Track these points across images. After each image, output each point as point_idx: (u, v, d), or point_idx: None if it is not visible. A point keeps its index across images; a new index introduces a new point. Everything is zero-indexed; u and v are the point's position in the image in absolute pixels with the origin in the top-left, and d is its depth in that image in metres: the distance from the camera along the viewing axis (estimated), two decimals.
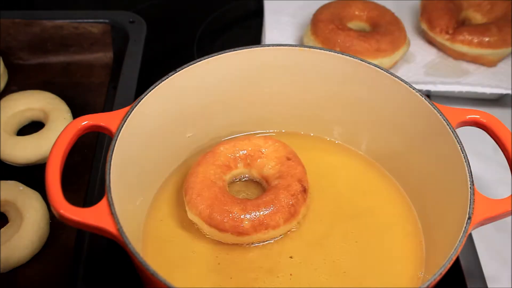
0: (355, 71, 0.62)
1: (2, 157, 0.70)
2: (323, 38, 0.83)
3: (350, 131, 0.68)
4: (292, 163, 0.62)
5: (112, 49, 0.84)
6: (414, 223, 0.62)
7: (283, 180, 0.60)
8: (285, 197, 0.59)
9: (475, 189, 0.52)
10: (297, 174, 0.61)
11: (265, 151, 0.63)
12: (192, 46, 0.92)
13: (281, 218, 0.58)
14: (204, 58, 0.61)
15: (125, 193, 0.54)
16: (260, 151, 0.63)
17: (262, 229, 0.57)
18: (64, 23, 0.82)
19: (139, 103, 0.56)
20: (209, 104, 0.65)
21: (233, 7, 1.01)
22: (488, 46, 0.84)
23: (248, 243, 0.58)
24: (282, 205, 0.58)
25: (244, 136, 0.66)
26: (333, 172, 0.67)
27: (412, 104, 0.60)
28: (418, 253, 0.59)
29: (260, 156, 0.63)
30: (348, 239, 0.60)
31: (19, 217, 0.62)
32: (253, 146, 0.63)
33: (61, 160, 0.51)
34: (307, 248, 0.59)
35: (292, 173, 0.61)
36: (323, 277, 0.57)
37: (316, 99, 0.67)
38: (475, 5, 0.90)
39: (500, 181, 0.74)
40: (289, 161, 0.62)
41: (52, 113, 0.73)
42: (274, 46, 0.63)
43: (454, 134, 0.56)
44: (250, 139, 0.64)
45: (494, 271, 0.66)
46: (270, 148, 0.63)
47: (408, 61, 0.87)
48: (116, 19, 0.84)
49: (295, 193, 0.59)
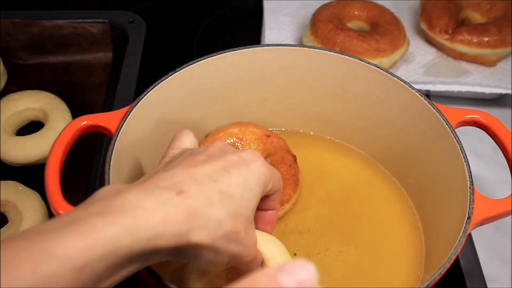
0: (355, 71, 0.62)
1: (2, 157, 0.70)
2: (322, 38, 0.83)
3: (349, 131, 0.68)
4: (273, 138, 0.65)
5: (112, 49, 0.84)
6: (414, 223, 0.62)
7: (274, 156, 0.63)
8: (286, 170, 0.61)
9: (474, 189, 0.52)
10: (283, 146, 0.64)
11: (243, 136, 0.65)
12: (192, 46, 0.92)
13: (290, 189, 0.61)
14: (203, 58, 0.61)
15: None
16: (239, 137, 0.65)
17: (280, 207, 0.59)
18: (64, 23, 0.82)
19: (139, 103, 0.56)
20: (208, 104, 0.65)
21: (233, 7, 1.01)
22: (488, 46, 0.84)
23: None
24: (287, 178, 0.61)
25: (216, 131, 0.66)
26: (333, 171, 0.67)
27: (411, 104, 0.60)
28: (417, 253, 0.59)
29: (241, 143, 0.65)
30: (347, 238, 0.60)
31: (18, 217, 0.62)
32: (231, 135, 0.65)
33: (60, 160, 0.51)
34: (306, 247, 0.59)
35: (278, 147, 0.64)
36: (322, 276, 0.57)
37: (316, 99, 0.67)
38: (474, 5, 0.90)
39: (500, 181, 0.74)
40: (269, 137, 0.65)
41: (51, 113, 0.73)
42: (273, 46, 0.63)
43: (453, 134, 0.56)
44: (224, 130, 0.65)
45: (493, 271, 0.66)
46: (246, 132, 0.65)
47: (408, 61, 0.87)
48: (115, 19, 0.84)
49: (291, 164, 0.62)
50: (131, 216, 0.35)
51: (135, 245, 0.35)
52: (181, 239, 0.38)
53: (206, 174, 0.40)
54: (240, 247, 0.41)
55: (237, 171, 0.41)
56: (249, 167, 0.42)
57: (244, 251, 0.42)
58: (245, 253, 0.42)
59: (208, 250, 0.40)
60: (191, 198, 0.38)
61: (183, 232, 0.38)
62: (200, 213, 0.38)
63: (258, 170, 0.43)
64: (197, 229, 0.38)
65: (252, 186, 0.42)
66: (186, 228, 0.38)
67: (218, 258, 0.41)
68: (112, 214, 0.35)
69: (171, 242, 0.37)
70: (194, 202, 0.38)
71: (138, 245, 0.35)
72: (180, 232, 0.37)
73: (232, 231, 0.40)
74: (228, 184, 0.40)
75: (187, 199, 0.38)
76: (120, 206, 0.36)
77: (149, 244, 0.36)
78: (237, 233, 0.41)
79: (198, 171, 0.40)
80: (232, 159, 0.42)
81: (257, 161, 0.43)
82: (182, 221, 0.37)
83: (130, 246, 0.35)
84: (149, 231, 0.36)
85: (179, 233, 0.37)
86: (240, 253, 0.42)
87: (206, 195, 0.39)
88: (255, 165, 0.43)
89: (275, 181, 0.46)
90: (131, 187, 0.38)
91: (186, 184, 0.39)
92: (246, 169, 0.42)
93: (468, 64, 0.87)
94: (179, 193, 0.38)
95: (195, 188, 0.39)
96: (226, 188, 0.40)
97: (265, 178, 0.43)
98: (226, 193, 0.40)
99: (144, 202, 0.37)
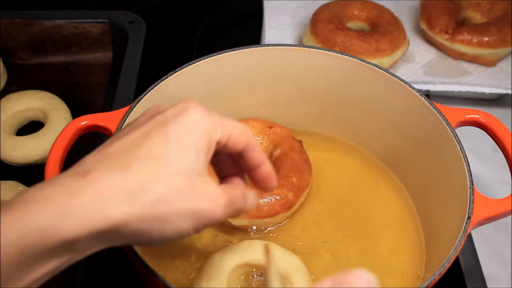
0: (355, 71, 0.62)
1: (2, 157, 0.70)
2: (322, 38, 0.83)
3: (349, 130, 0.68)
4: (276, 128, 0.65)
5: (112, 49, 0.84)
6: (414, 222, 0.62)
7: (282, 145, 0.63)
8: (298, 156, 0.62)
9: (474, 189, 0.52)
10: (287, 134, 0.65)
11: None
12: (192, 46, 0.92)
13: (307, 174, 0.62)
14: (203, 58, 0.61)
15: None
16: None
17: (301, 193, 0.60)
18: (64, 23, 0.82)
19: (139, 103, 0.56)
20: (208, 104, 0.64)
21: (233, 7, 1.01)
22: (488, 46, 0.84)
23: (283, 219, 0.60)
24: (300, 163, 0.62)
25: None
26: (334, 170, 0.67)
27: (411, 104, 0.60)
28: (418, 253, 0.59)
29: None
30: (348, 237, 0.60)
31: None
32: None
33: (60, 160, 0.51)
34: (306, 247, 0.59)
35: (283, 135, 0.64)
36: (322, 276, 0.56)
37: (315, 99, 0.67)
38: (474, 4, 0.90)
39: (500, 181, 0.74)
40: (272, 128, 0.65)
41: (51, 113, 0.73)
42: (273, 46, 0.63)
43: (453, 134, 0.56)
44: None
45: (493, 271, 0.66)
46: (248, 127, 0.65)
47: (408, 61, 0.87)
48: (115, 19, 0.84)
49: (301, 149, 0.63)
50: (19, 211, 0.34)
51: (25, 241, 0.33)
52: (95, 222, 0.34)
53: (122, 147, 0.38)
54: (192, 203, 0.37)
55: (160, 130, 0.38)
56: (176, 120, 0.39)
57: (201, 205, 0.38)
58: (205, 208, 0.38)
59: (150, 222, 0.36)
60: (99, 176, 0.35)
61: (95, 214, 0.34)
62: (112, 188, 0.35)
63: (190, 120, 0.39)
64: (113, 205, 0.35)
65: (184, 138, 0.38)
66: (96, 207, 0.35)
67: (175, 225, 0.37)
68: (11, 209, 0.34)
69: (82, 228, 0.34)
70: (102, 178, 0.35)
71: (28, 240, 0.33)
72: (90, 215, 0.34)
73: (168, 191, 0.37)
74: (150, 147, 0.37)
75: (93, 179, 0.35)
76: (23, 200, 0.34)
77: (46, 238, 0.33)
78: (178, 192, 0.37)
79: (114, 147, 0.38)
80: (157, 120, 0.39)
81: (187, 110, 0.39)
82: (88, 202, 0.34)
83: (19, 242, 0.33)
84: (39, 224, 0.33)
85: (90, 216, 0.34)
86: (198, 210, 0.38)
87: (120, 167, 0.36)
88: (185, 116, 0.39)
89: (228, 129, 0.41)
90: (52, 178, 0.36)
91: (96, 164, 0.36)
92: (173, 123, 0.38)
93: (468, 64, 0.87)
94: (84, 175, 0.35)
95: (106, 163, 0.36)
96: (146, 153, 0.37)
97: (203, 126, 0.39)
98: (148, 157, 0.37)
99: (40, 193, 0.35)
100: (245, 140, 0.42)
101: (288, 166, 0.61)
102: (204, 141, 0.39)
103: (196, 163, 0.38)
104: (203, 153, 0.39)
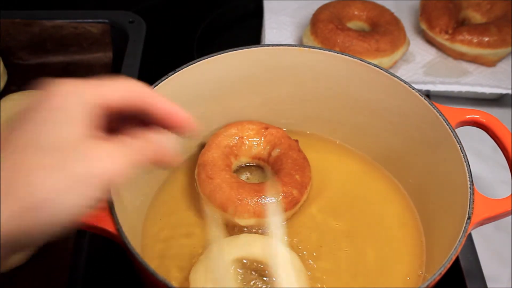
0: (355, 71, 0.62)
1: None
2: (322, 38, 0.83)
3: (349, 131, 0.68)
4: (272, 129, 0.65)
5: (112, 49, 0.84)
6: (414, 223, 0.62)
7: (281, 145, 0.64)
8: (298, 155, 0.63)
9: (474, 189, 0.52)
10: (283, 134, 0.65)
11: (243, 134, 0.65)
12: (192, 46, 0.92)
13: (308, 171, 0.62)
14: (203, 58, 0.61)
15: (124, 193, 0.54)
16: (239, 136, 0.65)
17: (304, 190, 0.61)
18: (64, 23, 0.82)
19: None
20: (208, 104, 0.65)
21: (233, 7, 1.01)
22: (488, 46, 0.84)
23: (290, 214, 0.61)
24: (301, 162, 0.62)
25: (215, 134, 0.65)
26: (333, 172, 0.67)
27: (411, 104, 0.60)
28: (418, 253, 0.59)
29: (243, 142, 0.65)
30: (348, 238, 0.60)
31: None
32: (231, 136, 0.64)
33: None
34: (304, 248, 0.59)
35: (279, 136, 0.65)
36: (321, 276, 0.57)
37: (316, 99, 0.67)
38: (474, 4, 0.90)
39: (500, 181, 0.74)
40: (268, 129, 0.65)
41: None
42: (273, 46, 0.63)
43: (453, 134, 0.56)
44: (222, 132, 0.65)
45: (493, 271, 0.66)
46: (244, 129, 0.65)
47: (408, 61, 0.87)
48: (115, 19, 0.84)
49: (298, 148, 0.64)
50: None
51: None
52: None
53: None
54: (74, 170, 0.35)
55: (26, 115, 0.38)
56: (41, 104, 0.38)
57: (89, 168, 0.36)
58: (96, 168, 0.36)
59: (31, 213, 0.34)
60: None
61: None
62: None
63: (52, 98, 0.37)
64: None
65: (47, 115, 0.37)
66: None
67: (72, 201, 0.35)
68: None
69: None
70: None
71: None
72: None
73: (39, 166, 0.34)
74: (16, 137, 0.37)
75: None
76: None
77: None
78: (51, 166, 0.34)
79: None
80: (23, 110, 0.39)
81: (48, 93, 0.38)
82: None
83: None
84: None
85: None
86: (87, 174, 0.35)
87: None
88: (46, 98, 0.38)
89: (109, 90, 0.39)
90: None
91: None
92: (37, 109, 0.38)
93: (468, 64, 0.87)
94: None
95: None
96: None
97: (72, 98, 0.37)
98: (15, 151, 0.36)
99: None
100: (135, 94, 0.40)
101: (290, 165, 0.62)
102: (78, 111, 0.37)
103: (72, 133, 0.36)
104: (78, 122, 0.37)
